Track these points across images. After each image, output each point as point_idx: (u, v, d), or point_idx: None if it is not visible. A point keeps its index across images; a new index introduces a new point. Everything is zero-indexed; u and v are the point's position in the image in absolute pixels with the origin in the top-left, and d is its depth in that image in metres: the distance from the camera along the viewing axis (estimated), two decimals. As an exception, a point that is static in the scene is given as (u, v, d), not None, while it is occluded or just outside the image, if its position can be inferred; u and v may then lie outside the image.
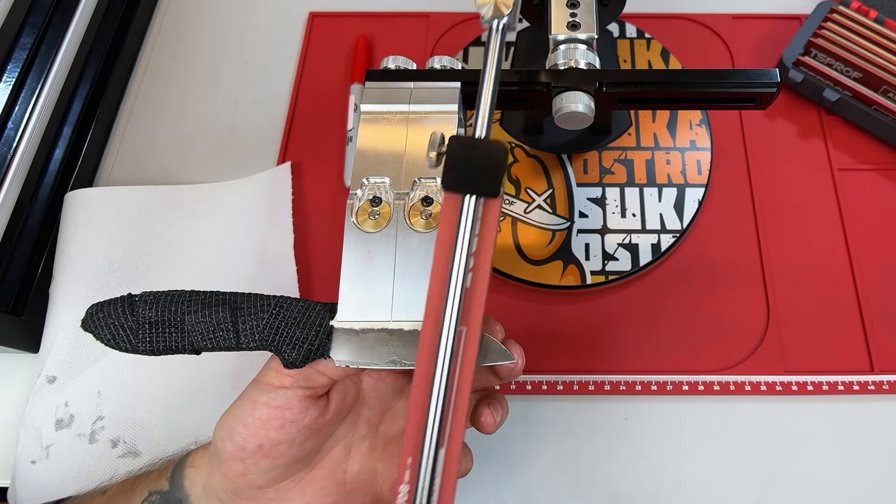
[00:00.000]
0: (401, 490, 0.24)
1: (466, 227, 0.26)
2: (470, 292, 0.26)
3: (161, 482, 0.32)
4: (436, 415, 0.24)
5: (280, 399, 0.29)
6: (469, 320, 0.26)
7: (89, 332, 0.28)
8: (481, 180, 0.26)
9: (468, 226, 0.26)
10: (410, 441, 0.24)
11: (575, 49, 0.38)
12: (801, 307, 0.45)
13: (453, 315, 0.25)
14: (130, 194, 0.49)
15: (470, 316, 0.26)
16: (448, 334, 0.25)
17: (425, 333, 0.25)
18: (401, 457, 0.24)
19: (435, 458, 0.23)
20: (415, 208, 0.31)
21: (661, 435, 0.42)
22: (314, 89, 0.55)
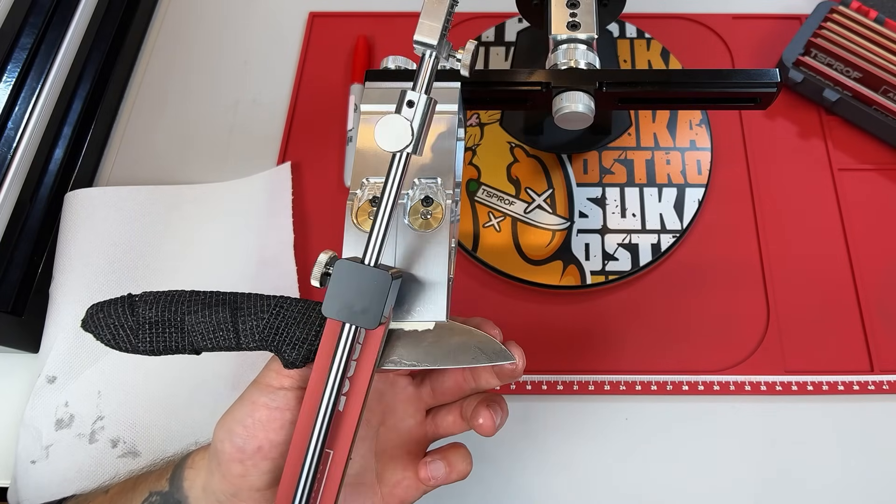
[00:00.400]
0: None
1: (344, 354, 0.26)
2: (342, 416, 0.26)
3: (161, 483, 0.32)
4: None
5: (280, 400, 0.29)
6: (336, 445, 0.26)
7: (89, 332, 0.28)
8: (361, 311, 0.26)
9: (345, 353, 0.26)
10: None
11: (575, 49, 0.38)
12: (801, 307, 0.45)
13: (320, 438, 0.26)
14: (130, 194, 0.49)
15: (338, 440, 0.26)
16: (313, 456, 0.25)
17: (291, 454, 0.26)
18: None
19: None
20: (414, 208, 0.31)
21: (661, 435, 0.42)
22: (314, 89, 0.55)
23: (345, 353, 0.26)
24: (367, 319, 0.26)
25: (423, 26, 0.28)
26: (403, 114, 0.27)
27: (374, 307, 0.26)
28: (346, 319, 0.26)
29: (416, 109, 0.27)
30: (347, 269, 0.26)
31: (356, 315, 0.26)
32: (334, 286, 0.26)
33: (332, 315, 0.26)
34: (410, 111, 0.27)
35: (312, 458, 0.26)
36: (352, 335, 0.26)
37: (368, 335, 0.27)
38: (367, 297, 0.26)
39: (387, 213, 0.27)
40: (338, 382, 0.26)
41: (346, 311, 0.26)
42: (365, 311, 0.26)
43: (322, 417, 0.26)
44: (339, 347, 0.26)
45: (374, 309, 0.26)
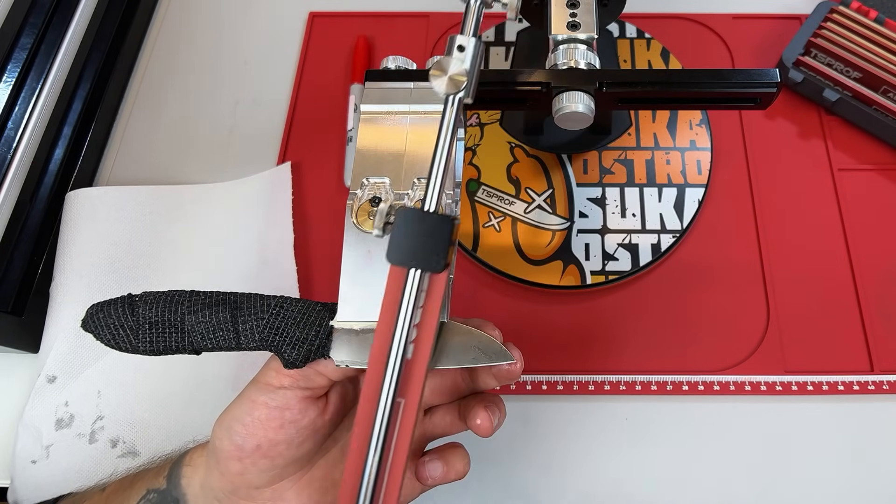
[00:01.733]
0: None
1: (410, 301, 0.26)
2: (411, 364, 0.26)
3: (159, 480, 0.32)
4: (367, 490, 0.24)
5: (279, 399, 0.29)
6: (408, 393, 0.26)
7: (89, 332, 0.28)
8: (426, 256, 0.26)
9: (411, 299, 0.26)
10: None
11: (575, 49, 0.38)
12: (801, 307, 0.45)
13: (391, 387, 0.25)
14: (131, 194, 0.49)
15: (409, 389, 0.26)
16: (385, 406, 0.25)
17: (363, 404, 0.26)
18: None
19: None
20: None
21: (661, 435, 0.42)
22: (314, 89, 0.55)
23: (411, 299, 0.26)
24: (432, 263, 0.26)
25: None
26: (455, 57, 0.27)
27: (440, 251, 0.26)
28: (412, 265, 0.26)
29: (468, 53, 0.27)
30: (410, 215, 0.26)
31: (421, 260, 0.26)
32: (398, 232, 0.26)
33: (397, 262, 0.26)
34: (462, 55, 0.27)
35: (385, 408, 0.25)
36: (417, 281, 0.26)
37: (433, 281, 0.27)
38: (432, 241, 0.26)
39: (442, 159, 0.27)
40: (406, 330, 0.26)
41: (411, 257, 0.26)
42: (431, 255, 0.26)
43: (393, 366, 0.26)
44: (406, 294, 0.26)
45: (440, 252, 0.26)
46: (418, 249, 0.26)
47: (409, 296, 0.26)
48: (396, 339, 0.26)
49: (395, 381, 0.25)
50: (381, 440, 0.25)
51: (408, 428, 0.26)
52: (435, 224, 0.26)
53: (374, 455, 0.25)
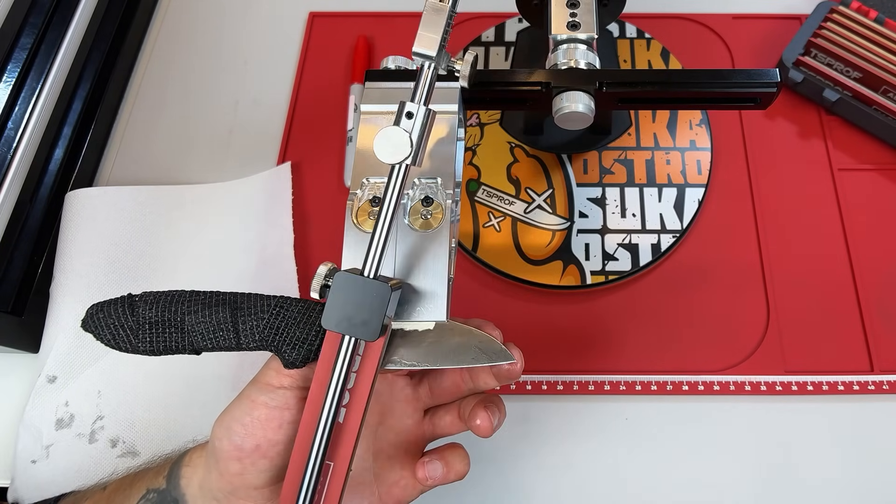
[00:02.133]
0: None
1: (343, 366, 0.26)
2: (342, 428, 0.26)
3: (159, 480, 0.32)
4: None
5: (279, 399, 0.29)
6: (337, 456, 0.26)
7: (89, 332, 0.28)
8: (361, 323, 0.26)
9: (345, 364, 0.26)
10: None
11: (575, 49, 0.38)
12: (801, 307, 0.45)
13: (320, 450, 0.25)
14: (131, 194, 0.49)
15: (338, 452, 0.26)
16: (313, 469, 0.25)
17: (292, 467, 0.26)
18: None
19: None
20: (414, 208, 0.31)
21: (661, 435, 0.42)
22: (314, 89, 0.55)
23: (345, 364, 0.26)
24: (366, 331, 0.26)
25: (421, 38, 0.27)
26: (402, 125, 0.27)
27: (374, 319, 0.26)
28: (346, 332, 0.26)
29: (416, 121, 0.27)
30: (347, 281, 0.26)
31: (356, 327, 0.26)
32: (334, 298, 0.26)
33: (331, 327, 0.26)
34: (409, 122, 0.27)
35: (313, 470, 0.26)
36: (352, 347, 0.26)
37: (368, 347, 0.27)
38: (367, 308, 0.26)
39: (386, 222, 0.27)
40: (338, 394, 0.26)
41: (345, 323, 0.26)
42: (365, 323, 0.26)
43: (322, 429, 0.26)
44: (339, 359, 0.26)
45: (374, 321, 0.26)
46: (353, 316, 0.26)
47: (342, 361, 0.26)
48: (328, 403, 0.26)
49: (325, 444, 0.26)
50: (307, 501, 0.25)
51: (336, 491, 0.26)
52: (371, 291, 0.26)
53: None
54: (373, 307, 0.26)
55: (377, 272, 0.27)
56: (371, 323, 0.26)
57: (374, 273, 0.27)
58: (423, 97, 0.28)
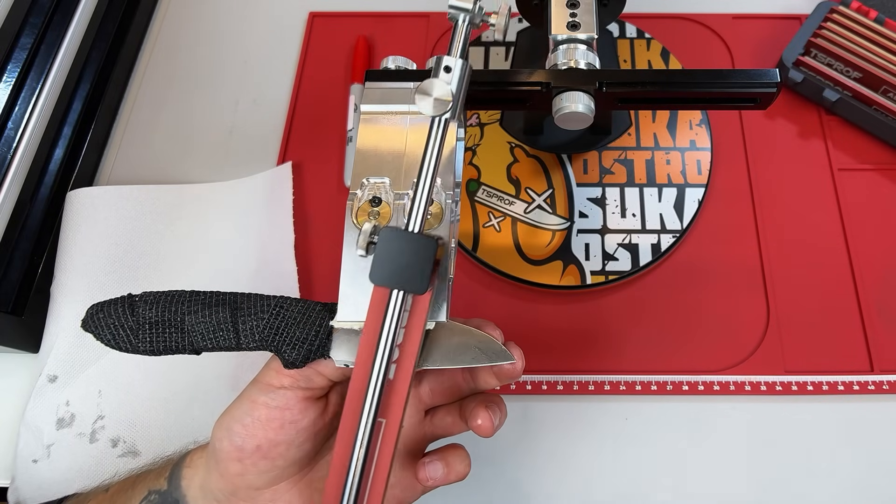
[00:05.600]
0: None
1: (392, 321, 0.26)
2: (392, 384, 0.26)
3: (160, 481, 0.32)
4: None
5: (279, 399, 0.29)
6: (388, 414, 0.26)
7: (89, 332, 0.28)
8: (408, 278, 0.26)
9: (394, 320, 0.26)
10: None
11: (575, 49, 0.38)
12: (801, 307, 0.45)
13: (372, 407, 0.25)
14: (132, 194, 0.49)
15: (390, 408, 0.26)
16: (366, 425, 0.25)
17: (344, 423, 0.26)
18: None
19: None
20: (415, 208, 0.31)
21: (660, 435, 0.42)
22: (314, 89, 0.55)
23: (394, 320, 0.26)
24: (415, 285, 0.26)
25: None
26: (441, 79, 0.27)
27: (422, 272, 0.26)
28: (395, 286, 0.26)
29: (454, 74, 0.27)
30: (394, 236, 0.26)
31: (404, 281, 0.26)
32: (381, 253, 0.26)
33: (380, 282, 0.26)
34: (448, 76, 0.27)
35: (366, 428, 0.26)
36: (400, 302, 0.26)
37: (416, 302, 0.27)
38: (414, 262, 0.26)
39: (428, 178, 0.27)
40: (388, 351, 0.26)
41: (394, 278, 0.26)
42: (413, 277, 0.26)
43: (374, 386, 0.26)
44: (389, 314, 0.26)
45: (422, 274, 0.26)
46: (402, 271, 0.26)
47: (391, 317, 0.26)
48: (378, 360, 0.26)
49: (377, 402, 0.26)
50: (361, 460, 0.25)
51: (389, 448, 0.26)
52: (419, 245, 0.26)
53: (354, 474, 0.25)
54: (420, 260, 0.26)
55: (422, 227, 0.27)
56: (419, 276, 0.26)
57: (419, 228, 0.27)
58: (459, 51, 0.28)
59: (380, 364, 0.26)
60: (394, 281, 0.26)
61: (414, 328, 0.27)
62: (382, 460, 0.26)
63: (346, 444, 0.26)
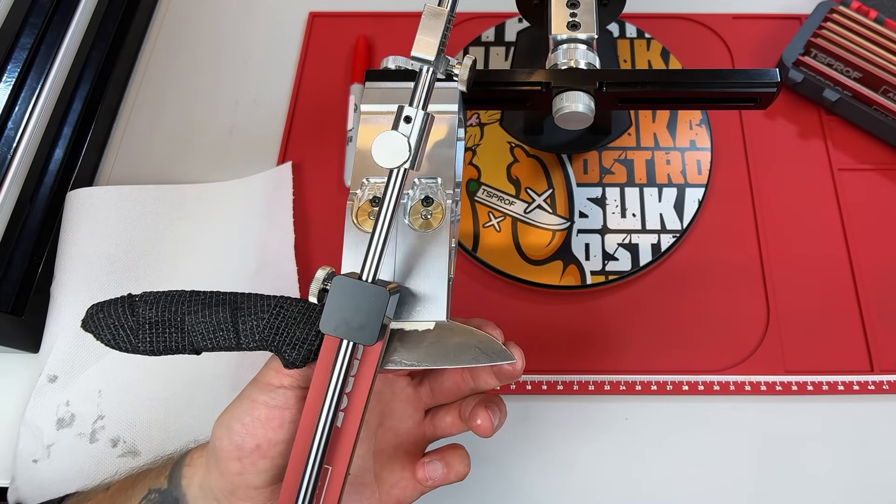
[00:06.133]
0: None
1: (342, 369, 0.26)
2: (340, 432, 0.26)
3: (160, 480, 0.32)
4: None
5: (279, 399, 0.29)
6: (335, 460, 0.26)
7: (89, 332, 0.28)
8: (359, 327, 0.26)
9: (343, 368, 0.26)
10: None
11: (575, 49, 0.38)
12: (801, 307, 0.45)
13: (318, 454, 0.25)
14: (132, 194, 0.49)
15: (336, 455, 0.26)
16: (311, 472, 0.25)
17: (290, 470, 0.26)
18: None
19: None
20: (414, 208, 0.31)
21: (661, 435, 0.42)
22: (314, 89, 0.55)
23: (342, 369, 0.26)
24: (364, 336, 0.26)
25: (420, 42, 0.27)
26: (401, 129, 0.26)
27: (372, 323, 0.26)
28: (344, 336, 0.26)
29: (414, 125, 0.27)
30: (345, 285, 0.26)
31: (354, 331, 0.26)
32: (332, 302, 0.26)
33: (329, 332, 0.26)
34: (408, 127, 0.27)
35: (311, 474, 0.26)
36: (349, 351, 0.26)
37: (367, 351, 0.27)
38: (365, 313, 0.26)
39: (385, 225, 0.27)
40: (336, 399, 0.26)
41: (343, 328, 0.26)
42: (363, 328, 0.26)
43: (320, 433, 0.26)
44: (337, 364, 0.26)
45: (372, 325, 0.26)
46: (352, 320, 0.26)
47: (339, 365, 0.26)
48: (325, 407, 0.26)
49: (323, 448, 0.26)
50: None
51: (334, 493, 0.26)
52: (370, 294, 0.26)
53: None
54: (371, 311, 0.26)
55: (376, 276, 0.27)
56: (369, 327, 0.26)
57: (373, 277, 0.27)
58: (421, 101, 0.28)
59: (327, 411, 0.26)
60: (343, 331, 0.26)
61: (363, 377, 0.27)
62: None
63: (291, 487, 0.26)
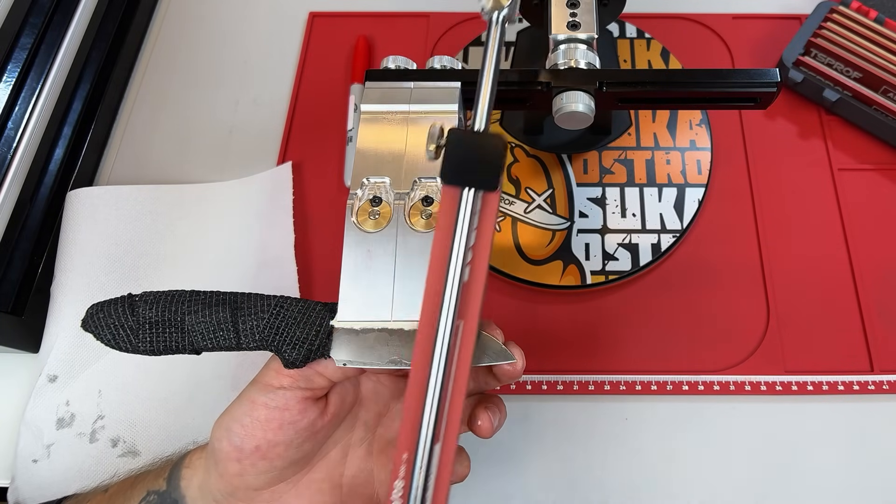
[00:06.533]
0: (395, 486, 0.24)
1: (465, 221, 0.26)
2: (467, 287, 0.26)
3: (159, 482, 0.32)
4: (431, 410, 0.24)
5: (279, 400, 0.29)
6: (466, 315, 0.26)
7: (89, 332, 0.28)
8: (480, 174, 0.25)
9: (466, 220, 0.26)
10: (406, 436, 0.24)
11: (575, 49, 0.38)
12: (801, 307, 0.45)
13: (450, 310, 0.25)
14: (132, 193, 0.49)
15: (467, 311, 0.26)
16: (445, 329, 0.25)
17: (422, 328, 0.25)
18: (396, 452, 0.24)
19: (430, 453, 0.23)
20: (415, 208, 0.31)
21: (661, 435, 0.42)
22: (314, 89, 0.55)
23: (466, 220, 0.26)
24: (486, 182, 0.26)
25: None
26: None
27: (493, 169, 0.26)
28: (467, 184, 0.26)
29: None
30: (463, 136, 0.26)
31: (475, 180, 0.26)
32: (451, 155, 0.26)
33: (452, 182, 0.26)
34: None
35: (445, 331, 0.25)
36: (471, 201, 0.26)
37: (486, 201, 0.27)
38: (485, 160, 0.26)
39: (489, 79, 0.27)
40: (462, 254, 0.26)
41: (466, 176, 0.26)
42: (484, 174, 0.26)
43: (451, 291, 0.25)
44: (461, 215, 0.26)
45: (494, 170, 0.26)
46: (472, 169, 0.26)
47: (463, 217, 0.26)
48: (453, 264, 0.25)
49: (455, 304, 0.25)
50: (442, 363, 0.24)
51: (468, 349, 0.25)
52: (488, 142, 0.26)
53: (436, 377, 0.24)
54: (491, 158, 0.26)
55: (488, 125, 0.27)
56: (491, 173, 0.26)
57: (486, 127, 0.27)
58: None
59: (455, 267, 0.25)
60: (465, 179, 0.26)
61: (485, 228, 0.26)
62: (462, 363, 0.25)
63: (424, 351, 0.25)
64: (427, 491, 0.23)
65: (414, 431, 0.24)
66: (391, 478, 0.24)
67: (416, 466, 0.23)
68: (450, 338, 0.25)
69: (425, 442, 0.23)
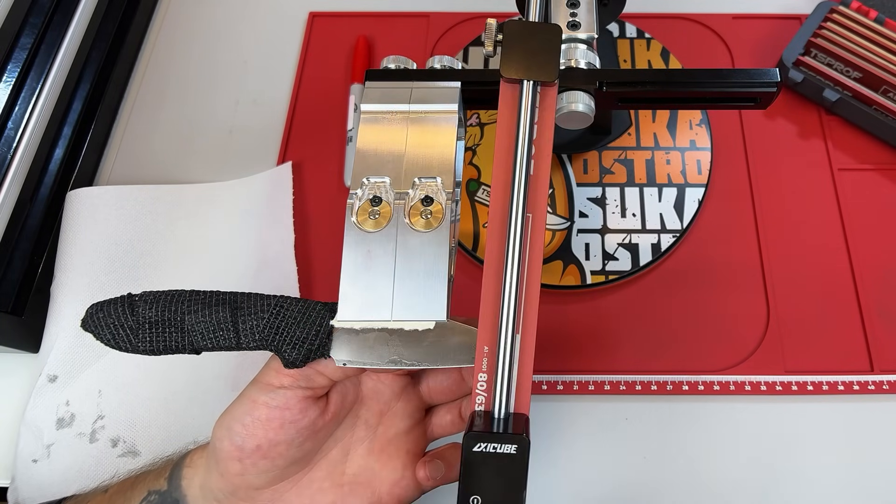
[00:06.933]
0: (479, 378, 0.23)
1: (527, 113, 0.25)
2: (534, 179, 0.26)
3: (160, 482, 0.32)
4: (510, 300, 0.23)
5: (280, 399, 0.29)
6: (536, 207, 0.25)
7: (89, 331, 0.28)
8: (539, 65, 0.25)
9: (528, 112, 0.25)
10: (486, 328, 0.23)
11: (575, 49, 0.38)
12: (801, 307, 0.45)
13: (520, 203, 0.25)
14: (132, 193, 0.49)
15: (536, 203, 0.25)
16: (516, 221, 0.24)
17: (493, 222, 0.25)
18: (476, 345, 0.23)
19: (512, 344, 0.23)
20: (415, 208, 0.31)
21: (661, 435, 0.42)
22: (314, 89, 0.55)
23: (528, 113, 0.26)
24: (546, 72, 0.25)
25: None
26: None
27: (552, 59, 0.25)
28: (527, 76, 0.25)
29: None
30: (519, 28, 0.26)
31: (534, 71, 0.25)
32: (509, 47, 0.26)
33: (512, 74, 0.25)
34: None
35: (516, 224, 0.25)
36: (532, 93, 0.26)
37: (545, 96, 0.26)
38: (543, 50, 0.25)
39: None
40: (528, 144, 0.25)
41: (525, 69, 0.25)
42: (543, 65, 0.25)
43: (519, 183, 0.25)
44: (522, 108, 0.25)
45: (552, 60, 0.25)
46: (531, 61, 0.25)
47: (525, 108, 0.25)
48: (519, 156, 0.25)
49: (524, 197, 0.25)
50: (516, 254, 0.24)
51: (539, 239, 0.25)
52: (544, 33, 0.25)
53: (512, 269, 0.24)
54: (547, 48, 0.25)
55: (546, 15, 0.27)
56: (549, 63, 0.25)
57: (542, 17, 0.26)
58: None
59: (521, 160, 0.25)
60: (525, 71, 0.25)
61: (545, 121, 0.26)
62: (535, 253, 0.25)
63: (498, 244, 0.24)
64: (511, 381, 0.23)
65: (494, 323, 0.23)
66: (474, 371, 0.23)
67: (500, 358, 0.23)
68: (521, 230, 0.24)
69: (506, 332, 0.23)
